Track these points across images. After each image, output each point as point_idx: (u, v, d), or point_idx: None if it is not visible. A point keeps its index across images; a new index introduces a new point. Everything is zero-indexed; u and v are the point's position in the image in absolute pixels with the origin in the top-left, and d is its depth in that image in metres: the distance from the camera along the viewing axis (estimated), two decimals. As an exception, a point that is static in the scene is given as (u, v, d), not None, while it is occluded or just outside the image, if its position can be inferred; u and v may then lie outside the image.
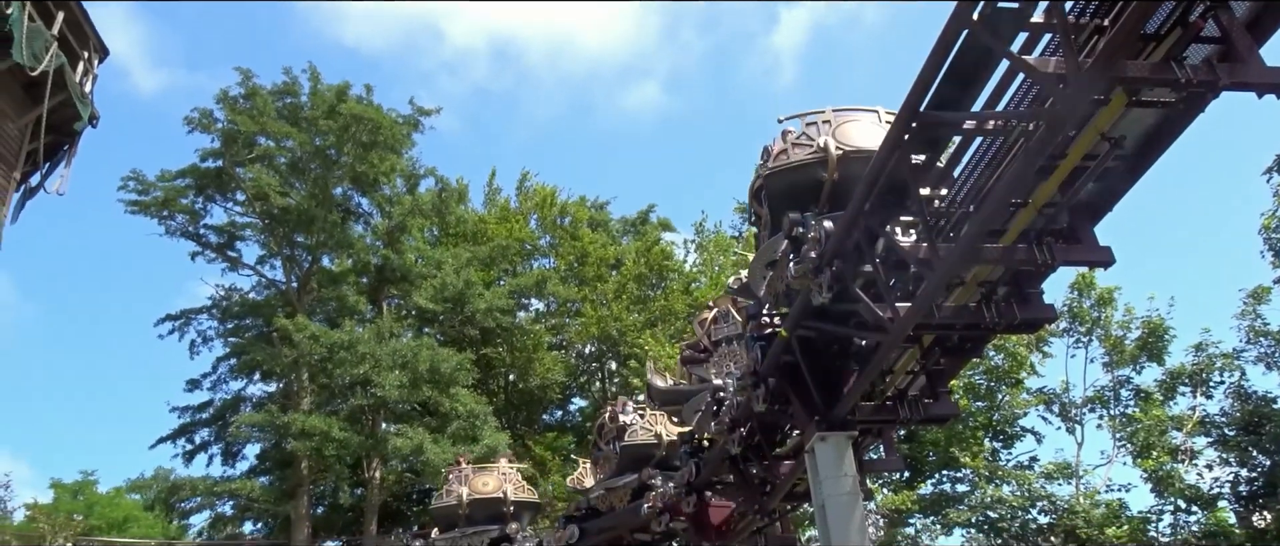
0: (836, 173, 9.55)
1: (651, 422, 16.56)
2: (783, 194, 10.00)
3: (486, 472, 18.44)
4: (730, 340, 13.58)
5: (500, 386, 33.96)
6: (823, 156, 9.68)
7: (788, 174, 9.91)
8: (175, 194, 30.44)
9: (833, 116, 10.00)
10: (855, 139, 9.71)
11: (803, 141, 9.93)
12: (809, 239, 9.36)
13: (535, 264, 36.47)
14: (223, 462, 29.54)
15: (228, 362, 30.47)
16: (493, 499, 17.88)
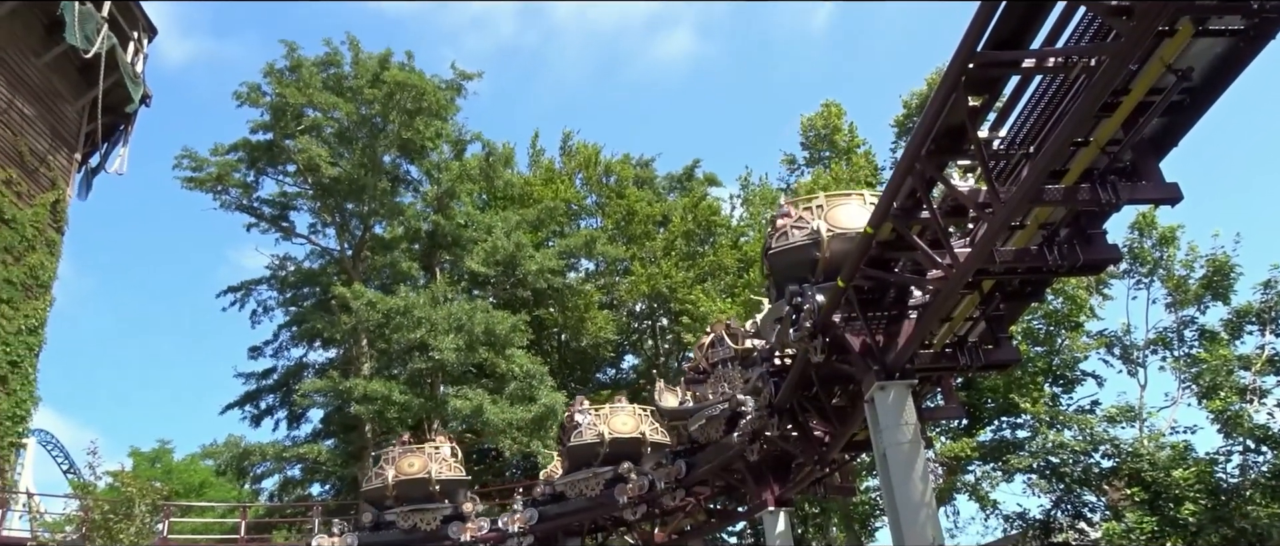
0: (828, 251, 11.48)
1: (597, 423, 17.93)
2: (785, 268, 11.99)
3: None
4: (725, 362, 15.49)
5: (554, 346, 34.32)
6: (816, 238, 11.63)
7: (788, 253, 11.86)
8: (228, 168, 31.01)
9: (826, 201, 12.08)
10: (843, 221, 11.62)
11: (800, 224, 11.86)
12: (804, 310, 11.27)
13: (583, 224, 36.58)
14: (288, 427, 30.46)
15: (288, 330, 31.25)
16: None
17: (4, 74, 24.24)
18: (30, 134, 25.35)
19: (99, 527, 13.86)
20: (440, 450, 18.34)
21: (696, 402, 16.05)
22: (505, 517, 18.38)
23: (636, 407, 18.64)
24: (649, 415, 18.15)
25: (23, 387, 22.96)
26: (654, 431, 17.94)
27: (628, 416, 18.09)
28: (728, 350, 15.47)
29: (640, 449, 17.76)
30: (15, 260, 23.48)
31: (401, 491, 17.77)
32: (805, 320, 11.35)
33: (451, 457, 18.41)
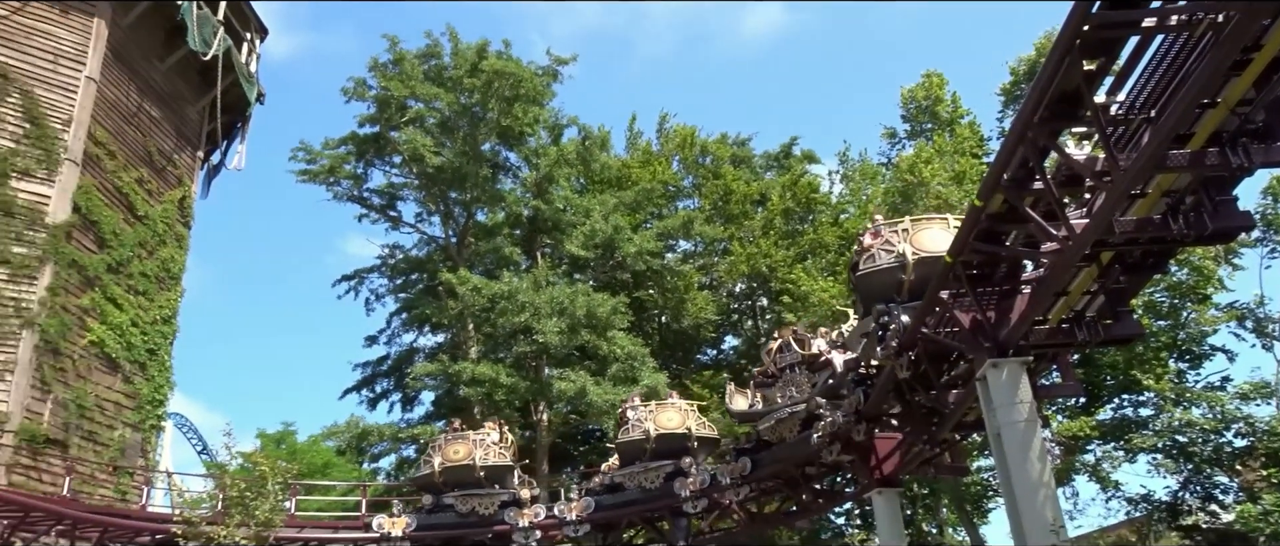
0: (913, 274, 12.09)
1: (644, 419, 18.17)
2: (871, 289, 12.70)
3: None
4: (792, 367, 16.14)
5: (654, 328, 34.51)
6: (902, 262, 12.24)
7: (876, 275, 12.55)
8: (338, 161, 32.21)
9: (911, 225, 12.64)
10: (928, 245, 12.17)
11: (887, 247, 12.52)
12: (891, 329, 11.91)
13: (680, 205, 36.58)
14: (403, 409, 31.62)
15: (399, 317, 32.37)
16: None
17: (133, 79, 25.73)
18: (158, 134, 26.85)
19: (236, 503, 14.71)
20: (486, 437, 18.52)
21: (765, 404, 16.56)
22: (562, 505, 18.70)
23: (683, 403, 18.87)
24: (695, 411, 18.55)
25: (160, 373, 24.49)
26: (700, 426, 18.34)
27: (674, 412, 18.39)
28: (795, 356, 16.16)
29: (686, 444, 18.09)
30: (149, 254, 24.98)
31: (448, 477, 18.07)
32: (892, 339, 11.97)
33: (498, 444, 18.63)
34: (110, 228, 23.41)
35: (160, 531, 15.57)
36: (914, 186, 25.13)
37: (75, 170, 22.38)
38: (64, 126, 22.55)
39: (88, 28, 23.91)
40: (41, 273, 20.85)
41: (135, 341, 23.55)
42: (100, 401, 22.04)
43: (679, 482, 17.83)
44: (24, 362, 19.83)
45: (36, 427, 19.76)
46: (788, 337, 16.47)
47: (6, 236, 20.72)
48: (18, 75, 22.30)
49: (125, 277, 23.76)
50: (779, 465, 17.01)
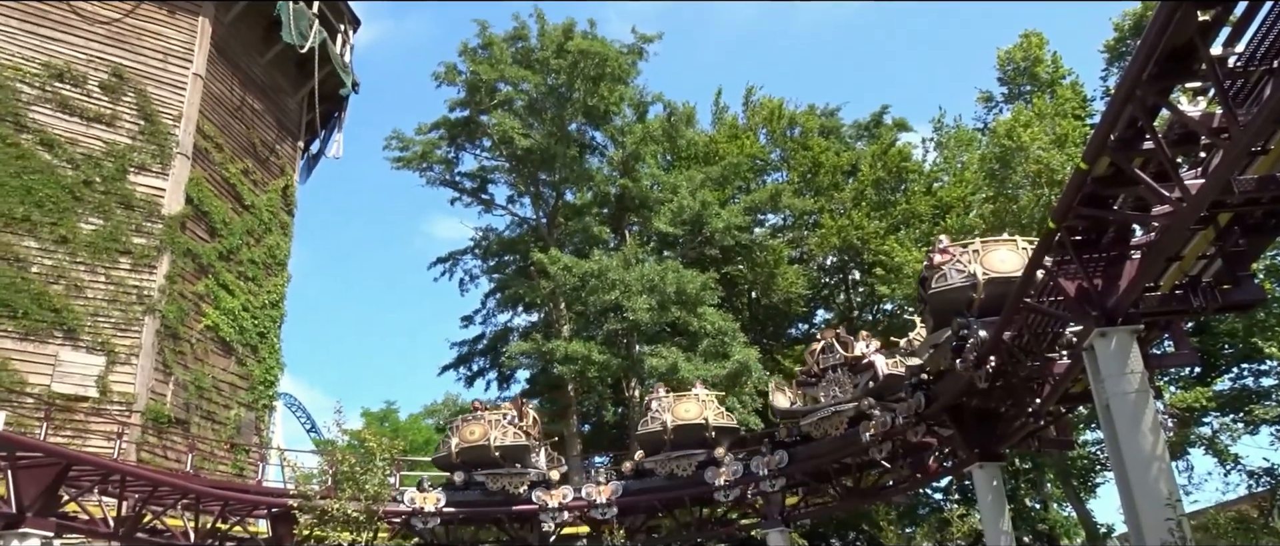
0: (983, 293, 12.78)
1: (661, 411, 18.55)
2: (942, 305, 13.30)
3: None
4: (835, 367, 16.69)
5: (744, 303, 34.34)
6: (973, 282, 12.86)
7: (947, 293, 13.13)
8: (430, 146, 32.94)
9: (981, 246, 13.17)
10: (998, 266, 12.82)
11: (958, 266, 13.09)
12: (970, 343, 12.51)
13: (768, 179, 36.20)
14: (499, 388, 32.34)
15: (494, 297, 33.04)
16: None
17: (236, 74, 26.81)
18: (260, 126, 27.95)
19: (346, 478, 15.33)
20: (504, 418, 18.68)
21: (807, 403, 17.19)
22: (590, 487, 18.89)
23: (702, 393, 18.94)
24: (713, 401, 18.67)
25: (270, 355, 25.64)
26: (718, 416, 18.48)
27: (691, 403, 18.55)
28: (838, 357, 16.81)
29: (703, 434, 18.28)
30: (256, 241, 26.09)
31: (465, 457, 18.34)
32: (971, 352, 12.57)
33: (516, 424, 18.78)
34: (220, 217, 24.52)
35: (277, 504, 16.35)
36: (1012, 152, 24.25)
37: (186, 163, 23.49)
38: (175, 122, 23.67)
39: (193, 26, 24.99)
40: (160, 261, 22.01)
41: (247, 325, 24.69)
42: (216, 382, 23.21)
43: (710, 472, 18.14)
44: (147, 347, 21.02)
45: (161, 408, 20.95)
46: (830, 340, 17.08)
47: (127, 228, 21.92)
48: (131, 74, 23.47)
49: (235, 265, 24.89)
50: (817, 460, 17.47)
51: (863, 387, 16.16)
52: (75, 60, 22.75)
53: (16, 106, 21.45)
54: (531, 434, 19.24)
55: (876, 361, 16.05)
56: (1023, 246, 12.97)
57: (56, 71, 22.34)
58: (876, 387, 16.02)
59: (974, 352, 12.49)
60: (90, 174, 21.84)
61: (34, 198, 20.88)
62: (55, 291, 20.38)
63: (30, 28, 22.47)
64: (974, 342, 12.49)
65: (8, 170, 20.76)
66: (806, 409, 17.09)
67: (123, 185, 22.21)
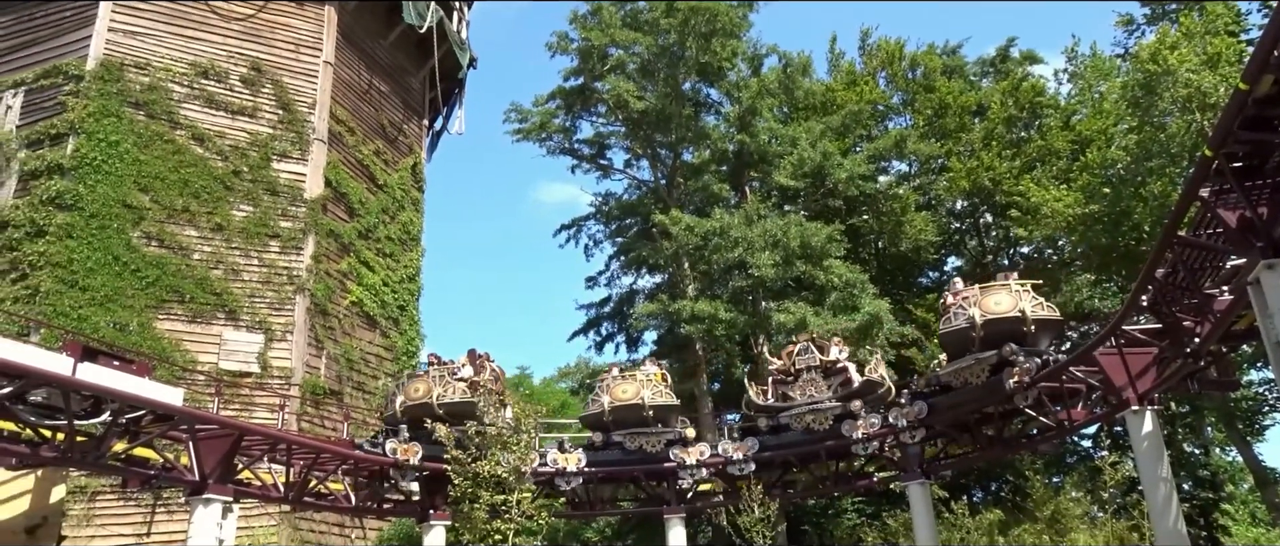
0: (981, 331, 15.56)
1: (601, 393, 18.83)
2: (951, 342, 16.36)
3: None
4: (809, 369, 18.09)
5: (871, 253, 33.58)
6: (972, 323, 15.60)
7: (953, 333, 16.04)
8: (548, 116, 33.39)
9: (980, 292, 15.96)
10: (993, 308, 15.62)
11: (960, 309, 15.93)
12: (1022, 366, 15.27)
13: (891, 124, 35.10)
14: (628, 350, 32.78)
15: (617, 260, 33.45)
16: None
17: (362, 58, 27.89)
18: (388, 107, 29.04)
19: (495, 441, 15.99)
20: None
21: (780, 401, 18.28)
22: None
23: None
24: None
25: (411, 327, 26.85)
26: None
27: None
28: (814, 359, 18.18)
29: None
30: (391, 219, 27.25)
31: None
32: (1024, 376, 15.18)
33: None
34: (357, 197, 25.70)
35: (430, 468, 17.19)
36: (1158, 77, 22.65)
37: (323, 148, 24.69)
38: (310, 109, 24.87)
39: (320, 16, 26.10)
40: (306, 243, 23.31)
41: (388, 299, 25.90)
42: (364, 354, 24.51)
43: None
44: (300, 324, 22.36)
45: (316, 380, 22.31)
46: (807, 342, 18.54)
47: (274, 213, 23.28)
48: (268, 67, 24.76)
49: (374, 242, 26.09)
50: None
51: (836, 390, 17.81)
52: (217, 57, 24.17)
53: (170, 105, 23.01)
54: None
55: (851, 369, 17.94)
56: (1016, 288, 15.69)
57: (201, 69, 23.80)
58: (852, 391, 17.68)
59: (1027, 377, 15.10)
60: (238, 164, 23.26)
61: (191, 189, 22.41)
62: (215, 276, 21.90)
63: (175, 30, 23.96)
64: (1026, 367, 15.17)
65: (166, 165, 22.34)
66: (782, 405, 18.20)
67: (267, 173, 23.57)
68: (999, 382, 15.66)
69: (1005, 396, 15.76)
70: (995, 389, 15.81)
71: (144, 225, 21.53)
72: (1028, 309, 15.48)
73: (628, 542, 27.17)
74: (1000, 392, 15.73)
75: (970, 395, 16.46)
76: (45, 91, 22.67)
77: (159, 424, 13.81)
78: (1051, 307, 15.95)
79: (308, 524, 20.78)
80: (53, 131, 21.94)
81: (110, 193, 21.37)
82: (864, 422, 17.70)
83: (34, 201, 21.00)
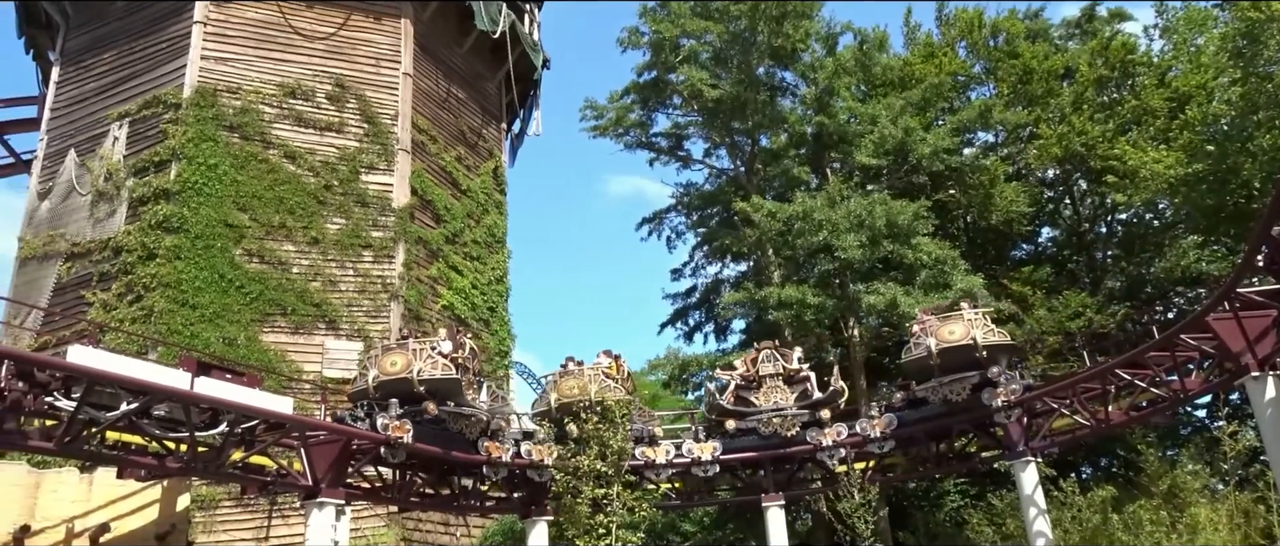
0: (938, 360, 16.97)
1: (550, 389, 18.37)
2: (913, 370, 17.73)
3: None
4: (773, 377, 18.69)
5: (960, 228, 32.73)
6: (928, 355, 17.00)
7: (915, 361, 17.30)
8: (623, 111, 33.50)
9: (936, 323, 17.33)
10: (947, 337, 16.99)
11: (919, 340, 17.30)
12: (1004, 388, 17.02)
13: (973, 95, 34.11)
14: (717, 339, 32.76)
15: (701, 250, 33.41)
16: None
17: (439, 67, 28.47)
18: (466, 113, 29.59)
19: (592, 438, 16.17)
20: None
21: (738, 404, 18.73)
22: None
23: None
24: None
25: (501, 328, 27.33)
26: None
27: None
28: (778, 367, 18.80)
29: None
30: (476, 222, 27.78)
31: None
32: (1011, 398, 16.92)
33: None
34: (442, 204, 26.27)
35: (529, 466, 17.47)
36: (1262, 24, 21.47)
37: (407, 158, 25.31)
38: (393, 121, 25.53)
39: (397, 29, 26.75)
40: (397, 251, 23.96)
41: (477, 302, 26.43)
42: (458, 357, 25.02)
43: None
44: (396, 330, 22.95)
45: (414, 384, 22.87)
46: (771, 351, 19.10)
47: (366, 224, 23.98)
48: (350, 82, 25.51)
49: (461, 247, 26.64)
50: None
51: (800, 397, 18.48)
52: (303, 77, 24.99)
53: (262, 126, 23.90)
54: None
55: (811, 377, 18.69)
56: (969, 318, 17.12)
57: (289, 89, 24.65)
58: (814, 401, 18.39)
59: (1013, 398, 16.79)
60: (329, 178, 24.02)
61: (286, 206, 23.25)
62: (314, 288, 22.68)
63: (262, 54, 24.87)
64: (1014, 389, 16.88)
65: (262, 184, 23.22)
66: (745, 409, 18.53)
67: (357, 185, 24.29)
68: (977, 400, 17.15)
69: (987, 414, 17.23)
70: (975, 406, 17.26)
71: (245, 242, 22.42)
72: (979, 336, 16.87)
73: (726, 532, 27.13)
74: (982, 410, 17.22)
75: (946, 410, 17.66)
76: (148, 121, 23.81)
77: (272, 432, 14.37)
78: (1003, 334, 17.46)
79: (414, 523, 21.38)
80: (156, 159, 23.03)
81: (212, 214, 22.32)
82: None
83: (144, 226, 22.09)
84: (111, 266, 22.18)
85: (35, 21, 28.78)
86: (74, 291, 22.70)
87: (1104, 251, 31.83)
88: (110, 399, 12.46)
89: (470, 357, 16.85)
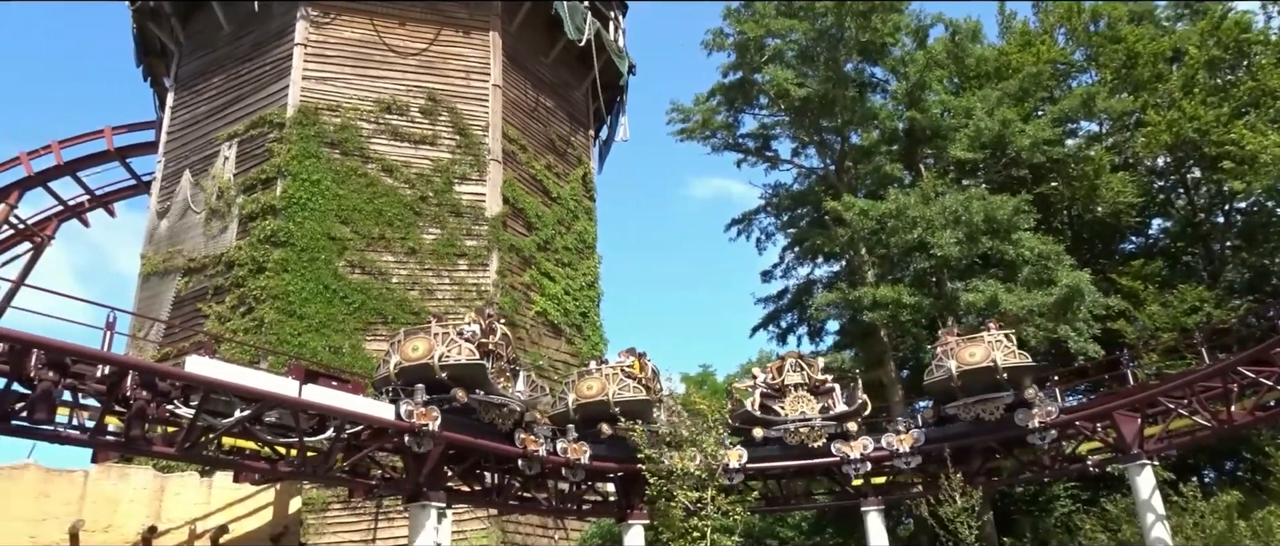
0: (959, 382, 17.07)
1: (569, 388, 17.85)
2: (937, 392, 17.86)
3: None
4: (798, 387, 18.69)
5: (1064, 222, 31.48)
6: (949, 377, 17.13)
7: (938, 383, 17.50)
8: (710, 113, 33.42)
9: (957, 345, 17.30)
10: (967, 360, 16.98)
11: (939, 363, 17.52)
12: (1039, 410, 16.91)
13: (1074, 83, 32.81)
14: (810, 341, 32.32)
15: (791, 251, 33.03)
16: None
17: (527, 77, 28.94)
18: (555, 122, 29.99)
19: (687, 442, 16.18)
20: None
21: (763, 413, 18.62)
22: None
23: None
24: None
25: (594, 333, 27.57)
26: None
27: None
28: (804, 377, 18.86)
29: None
30: (567, 229, 28.10)
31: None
32: (1047, 419, 16.85)
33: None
34: (533, 212, 26.68)
35: (625, 468, 17.54)
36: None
37: (499, 168, 25.80)
38: (484, 132, 26.06)
39: (486, 42, 27.32)
40: (490, 259, 24.44)
41: (570, 308, 26.73)
42: (552, 362, 25.37)
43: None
44: (491, 337, 23.40)
45: (509, 390, 23.26)
46: (794, 361, 19.11)
47: (460, 234, 24.53)
48: (442, 96, 26.16)
49: (552, 253, 26.99)
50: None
51: (825, 409, 18.39)
52: (397, 92, 25.76)
53: (360, 141, 24.73)
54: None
55: (837, 390, 18.66)
56: (989, 340, 16.95)
57: (384, 105, 25.43)
58: (847, 412, 18.31)
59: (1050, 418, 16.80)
60: (424, 190, 24.67)
61: (385, 218, 23.98)
62: (413, 297, 23.31)
63: (359, 72, 25.75)
64: (1049, 410, 16.87)
65: (362, 197, 24.01)
66: (772, 418, 18.41)
67: (450, 196, 24.88)
68: (1010, 420, 17.02)
69: (1020, 434, 17.09)
70: (1008, 426, 17.11)
71: (347, 254, 23.21)
72: (1000, 358, 16.77)
73: (824, 537, 26.71)
74: (1015, 430, 17.08)
75: (978, 429, 17.49)
76: (254, 140, 24.91)
77: (376, 437, 14.81)
78: (1023, 356, 17.32)
79: (513, 525, 21.72)
80: (263, 176, 24.05)
81: (316, 227, 23.18)
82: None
83: (253, 241, 23.10)
84: (225, 280, 23.25)
85: (152, 50, 30.45)
86: (191, 305, 23.87)
87: (1222, 242, 30.15)
88: (225, 406, 13.04)
89: (502, 344, 15.94)
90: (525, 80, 28.74)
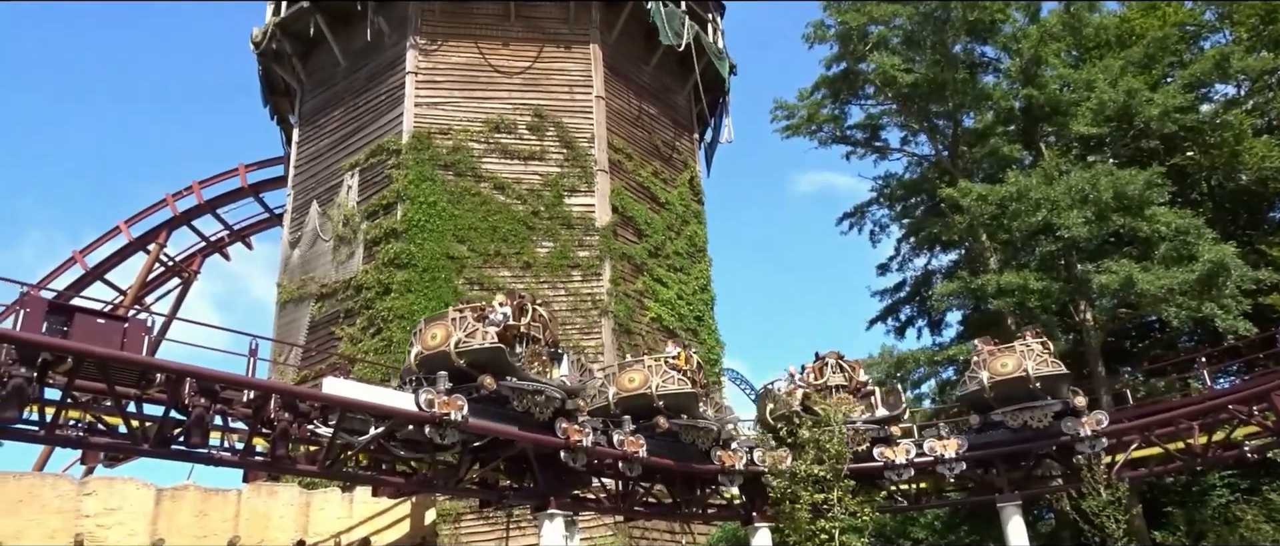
0: (991, 393, 17.09)
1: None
2: (971, 402, 18.00)
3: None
4: (839, 388, 18.66)
5: (1204, 193, 29.52)
6: (981, 388, 17.17)
7: (971, 393, 17.64)
8: (815, 108, 32.85)
9: (988, 357, 17.27)
10: (999, 370, 16.97)
11: (972, 375, 17.55)
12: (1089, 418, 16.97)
13: (1206, 44, 30.78)
14: (931, 333, 31.38)
15: (907, 242, 32.15)
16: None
17: (629, 86, 29.22)
18: (659, 128, 30.16)
19: (810, 442, 16.01)
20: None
21: (805, 414, 17.81)
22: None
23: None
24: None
25: (709, 336, 27.55)
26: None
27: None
28: (844, 378, 18.91)
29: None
30: (677, 234, 28.21)
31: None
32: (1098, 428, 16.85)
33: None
34: (642, 219, 26.91)
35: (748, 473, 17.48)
36: None
37: (606, 178, 26.14)
38: (589, 144, 26.46)
39: (586, 55, 27.75)
40: (603, 268, 24.78)
41: (684, 312, 26.81)
42: (670, 368, 25.44)
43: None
44: (608, 344, 23.75)
45: (629, 396, 23.48)
46: (833, 361, 19.02)
47: (572, 245, 24.96)
48: (548, 111, 26.71)
49: (663, 259, 27.14)
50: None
51: (867, 414, 18.35)
52: (505, 111, 26.46)
53: (472, 162, 25.51)
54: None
55: (877, 394, 18.78)
56: (1021, 349, 16.92)
57: (493, 125, 26.17)
58: (889, 416, 18.39)
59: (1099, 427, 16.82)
60: (535, 205, 25.24)
61: (499, 234, 24.65)
62: (530, 310, 23.80)
63: (468, 93, 26.58)
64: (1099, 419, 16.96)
65: (476, 215, 24.75)
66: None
67: (561, 209, 25.37)
68: (1057, 428, 16.90)
69: (1070, 441, 16.87)
70: (1054, 433, 16.98)
71: (465, 272, 23.96)
72: (1032, 368, 16.60)
73: (960, 535, 25.85)
74: (1063, 437, 16.92)
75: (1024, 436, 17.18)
76: (374, 168, 26.03)
77: (501, 448, 15.21)
78: (1056, 362, 17.11)
79: (640, 531, 21.90)
80: (384, 202, 25.10)
81: (435, 247, 24.02)
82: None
83: (378, 264, 24.13)
84: (354, 303, 24.36)
85: (276, 89, 32.23)
86: (325, 328, 25.12)
87: (1385, 203, 27.72)
88: (361, 424, 13.66)
89: (538, 326, 15.47)
90: (627, 89, 29.02)
